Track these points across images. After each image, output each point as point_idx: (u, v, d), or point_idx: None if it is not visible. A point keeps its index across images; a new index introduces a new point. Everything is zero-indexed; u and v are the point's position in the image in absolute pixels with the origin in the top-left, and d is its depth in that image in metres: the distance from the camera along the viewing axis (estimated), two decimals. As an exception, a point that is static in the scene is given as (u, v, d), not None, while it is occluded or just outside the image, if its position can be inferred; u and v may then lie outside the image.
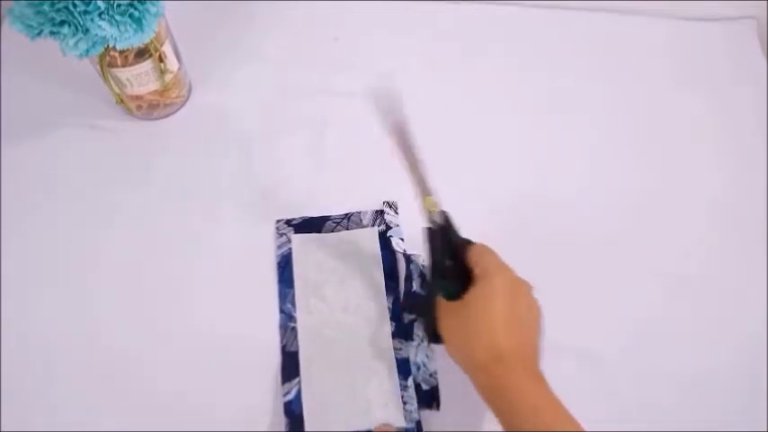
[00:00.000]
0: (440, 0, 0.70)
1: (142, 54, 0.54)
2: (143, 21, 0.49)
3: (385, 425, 0.46)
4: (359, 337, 0.51)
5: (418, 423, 0.47)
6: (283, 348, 0.50)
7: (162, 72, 0.57)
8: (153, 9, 0.49)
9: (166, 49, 0.56)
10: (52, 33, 0.48)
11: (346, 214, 0.56)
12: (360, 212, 0.56)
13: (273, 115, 0.63)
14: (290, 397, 0.48)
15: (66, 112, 0.62)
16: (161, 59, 0.56)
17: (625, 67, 0.67)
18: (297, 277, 0.53)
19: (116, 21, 0.48)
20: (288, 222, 0.56)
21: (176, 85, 0.60)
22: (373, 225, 0.56)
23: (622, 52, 0.68)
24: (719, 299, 0.55)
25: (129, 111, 0.61)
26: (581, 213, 0.58)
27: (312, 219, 0.56)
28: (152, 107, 0.61)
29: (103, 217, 0.57)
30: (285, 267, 0.54)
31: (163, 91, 0.59)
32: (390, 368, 0.49)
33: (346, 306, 0.52)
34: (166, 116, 0.62)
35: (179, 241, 0.56)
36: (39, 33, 0.48)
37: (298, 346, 0.50)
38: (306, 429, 0.46)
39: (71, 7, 0.46)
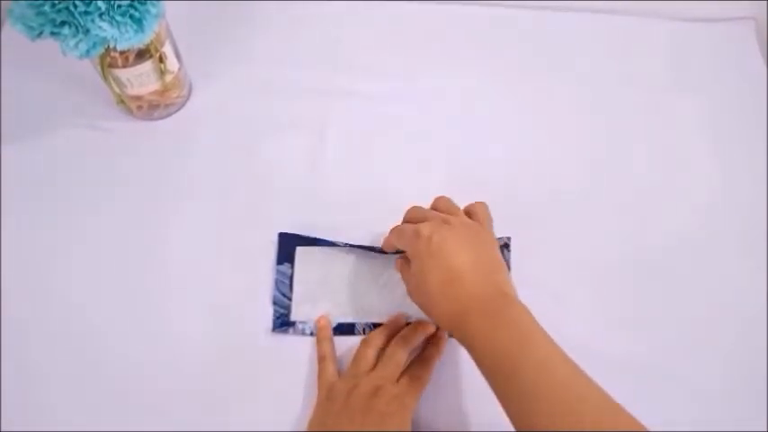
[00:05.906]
0: (440, 0, 0.70)
1: (143, 55, 0.54)
2: (143, 21, 0.49)
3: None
4: None
5: None
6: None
7: (162, 73, 0.57)
8: (153, 10, 0.49)
9: (167, 49, 0.56)
10: (53, 34, 0.48)
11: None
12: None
13: (274, 116, 0.63)
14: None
15: (66, 113, 0.62)
16: (161, 60, 0.56)
17: (623, 67, 0.67)
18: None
19: (116, 21, 0.48)
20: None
21: (177, 86, 0.60)
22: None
23: (621, 53, 0.68)
24: (719, 299, 0.55)
25: (129, 111, 0.61)
26: (579, 214, 0.59)
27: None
28: (152, 107, 0.61)
29: (103, 217, 0.57)
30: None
31: (163, 91, 0.59)
32: None
33: None
34: (167, 116, 0.62)
35: (178, 242, 0.56)
36: (39, 34, 0.48)
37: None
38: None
39: (72, 8, 0.46)
